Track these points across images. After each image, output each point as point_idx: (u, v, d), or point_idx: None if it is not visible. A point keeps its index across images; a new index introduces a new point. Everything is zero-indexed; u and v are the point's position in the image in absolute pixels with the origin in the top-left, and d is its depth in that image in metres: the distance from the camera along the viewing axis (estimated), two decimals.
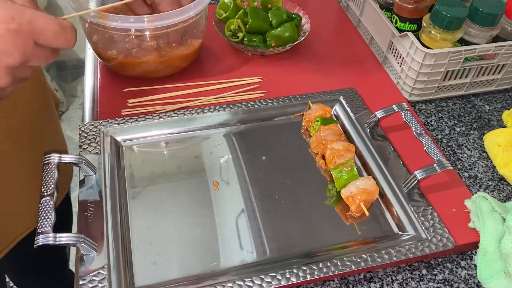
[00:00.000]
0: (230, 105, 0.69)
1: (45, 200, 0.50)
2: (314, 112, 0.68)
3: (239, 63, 0.80)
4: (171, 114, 0.66)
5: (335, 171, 0.60)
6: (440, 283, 0.54)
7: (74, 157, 0.56)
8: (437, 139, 0.71)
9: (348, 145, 0.62)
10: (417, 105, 0.76)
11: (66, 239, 0.47)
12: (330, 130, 0.64)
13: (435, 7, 0.68)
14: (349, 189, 0.58)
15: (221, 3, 0.84)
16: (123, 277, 0.50)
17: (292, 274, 0.50)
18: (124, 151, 0.64)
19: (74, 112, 1.91)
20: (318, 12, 0.93)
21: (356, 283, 0.53)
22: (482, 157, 0.68)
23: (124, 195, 0.58)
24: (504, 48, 0.71)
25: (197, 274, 0.51)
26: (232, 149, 0.65)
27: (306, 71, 0.80)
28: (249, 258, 0.53)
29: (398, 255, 0.52)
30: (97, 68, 0.77)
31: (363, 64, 0.83)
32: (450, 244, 0.53)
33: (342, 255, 0.52)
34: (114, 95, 0.72)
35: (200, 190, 0.59)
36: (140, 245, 0.53)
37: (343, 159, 0.61)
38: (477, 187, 0.64)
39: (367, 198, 0.57)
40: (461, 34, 0.70)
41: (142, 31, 0.67)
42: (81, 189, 0.56)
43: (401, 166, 0.62)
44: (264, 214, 0.57)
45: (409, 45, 0.71)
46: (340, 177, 0.60)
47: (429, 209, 0.57)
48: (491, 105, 0.77)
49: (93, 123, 0.64)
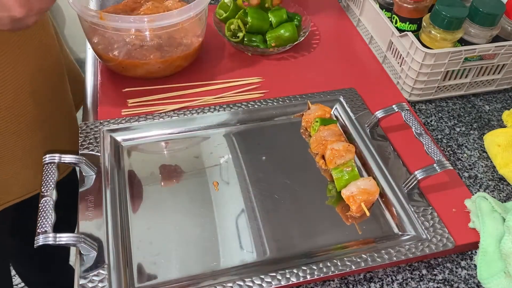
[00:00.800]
0: (230, 105, 0.69)
1: (45, 200, 0.50)
2: (313, 113, 0.68)
3: (239, 63, 0.80)
4: (171, 114, 0.66)
5: (336, 171, 0.60)
6: (440, 283, 0.54)
7: (74, 157, 0.56)
8: (437, 139, 0.71)
9: (348, 145, 0.62)
10: (417, 105, 0.76)
11: (66, 239, 0.48)
12: (330, 130, 0.64)
13: (435, 7, 0.68)
14: (350, 189, 0.58)
15: (221, 3, 0.84)
16: (123, 277, 0.50)
17: (292, 274, 0.50)
18: (124, 151, 0.64)
19: None
20: (318, 12, 0.93)
21: (356, 283, 0.53)
22: (482, 157, 0.68)
23: (124, 195, 0.58)
24: (504, 48, 0.71)
25: (197, 274, 0.51)
26: (232, 149, 0.65)
27: (306, 71, 0.80)
28: (249, 258, 0.53)
29: (398, 255, 0.52)
30: (97, 68, 0.77)
31: (363, 64, 0.83)
32: (450, 244, 0.53)
33: (342, 255, 0.52)
34: (114, 95, 0.72)
35: (200, 190, 0.59)
36: (140, 245, 0.53)
37: (343, 160, 0.61)
38: (477, 187, 0.64)
39: (368, 198, 0.57)
40: (461, 34, 0.70)
41: (142, 31, 0.67)
42: (81, 189, 0.56)
43: (401, 166, 0.62)
44: (264, 214, 0.57)
45: (409, 45, 0.71)
46: (341, 177, 0.60)
47: (429, 209, 0.57)
48: (491, 105, 0.77)
49: (93, 123, 0.64)
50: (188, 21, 0.68)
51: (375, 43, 0.84)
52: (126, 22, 0.64)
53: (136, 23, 0.64)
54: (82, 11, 0.65)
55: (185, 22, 0.68)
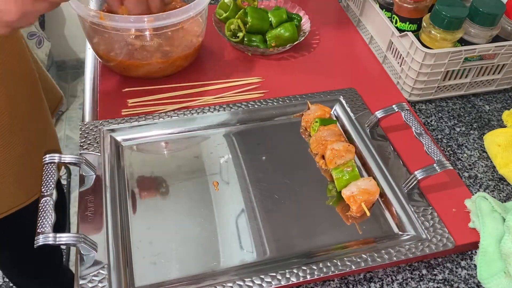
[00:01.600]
0: (230, 105, 0.69)
1: (45, 200, 0.50)
2: (313, 113, 0.68)
3: (239, 63, 0.80)
4: (171, 114, 0.66)
5: (336, 171, 0.60)
6: (440, 283, 0.54)
7: (74, 157, 0.56)
8: (437, 139, 0.71)
9: (348, 145, 0.62)
10: (417, 105, 0.76)
11: (66, 239, 0.48)
12: (330, 130, 0.64)
13: (435, 7, 0.68)
14: (350, 189, 0.58)
15: (221, 3, 0.84)
16: (123, 277, 0.50)
17: (292, 274, 0.50)
18: (124, 151, 0.64)
19: (74, 112, 1.91)
20: (318, 12, 0.93)
21: (356, 283, 0.53)
22: (482, 157, 0.68)
23: (124, 195, 0.58)
24: (504, 48, 0.71)
25: (197, 274, 0.51)
26: (232, 149, 0.65)
27: (306, 71, 0.80)
28: (249, 258, 0.53)
29: (398, 255, 0.52)
30: (97, 68, 0.77)
31: (363, 64, 0.83)
32: (450, 244, 0.53)
33: (342, 255, 0.52)
34: (114, 95, 0.72)
35: (200, 190, 0.59)
36: (140, 245, 0.53)
37: (343, 160, 0.61)
38: (477, 187, 0.64)
39: (368, 198, 0.57)
40: (461, 34, 0.70)
41: (142, 31, 0.67)
42: (81, 189, 0.56)
43: (401, 166, 0.62)
44: (264, 214, 0.57)
45: (409, 45, 0.71)
46: (341, 177, 0.60)
47: (429, 209, 0.57)
48: (491, 105, 0.77)
49: (93, 123, 0.64)
50: (188, 21, 0.68)
51: (375, 43, 0.84)
52: (126, 22, 0.64)
53: (136, 23, 0.64)
54: (82, 11, 0.65)
55: (185, 22, 0.68)
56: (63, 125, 1.85)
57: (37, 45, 1.74)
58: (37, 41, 1.73)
